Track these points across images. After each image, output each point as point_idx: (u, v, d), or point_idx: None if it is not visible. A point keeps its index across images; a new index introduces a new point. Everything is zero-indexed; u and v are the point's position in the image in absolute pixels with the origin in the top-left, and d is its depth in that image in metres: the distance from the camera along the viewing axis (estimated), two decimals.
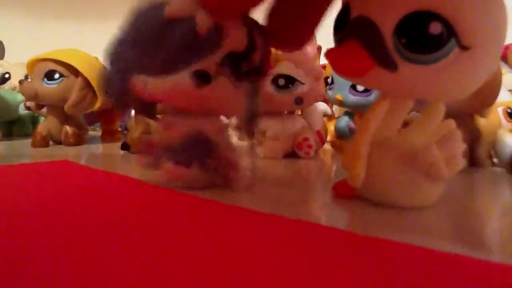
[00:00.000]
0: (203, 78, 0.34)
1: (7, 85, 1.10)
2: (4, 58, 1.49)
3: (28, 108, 0.97)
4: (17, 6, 1.87)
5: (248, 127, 0.41)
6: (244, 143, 0.91)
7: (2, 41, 1.74)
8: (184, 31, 0.32)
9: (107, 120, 0.95)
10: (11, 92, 1.00)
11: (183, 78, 0.33)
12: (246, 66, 0.36)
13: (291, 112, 0.70)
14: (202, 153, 0.37)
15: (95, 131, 1.17)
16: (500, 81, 0.51)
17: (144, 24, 0.34)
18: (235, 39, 0.34)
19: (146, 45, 0.34)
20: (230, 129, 0.44)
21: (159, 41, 0.33)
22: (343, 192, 0.35)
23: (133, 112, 0.66)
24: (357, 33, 0.28)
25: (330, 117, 0.85)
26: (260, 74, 0.40)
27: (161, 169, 0.38)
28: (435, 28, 0.26)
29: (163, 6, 0.33)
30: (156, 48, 0.33)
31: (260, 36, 0.36)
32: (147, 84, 0.34)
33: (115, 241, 0.23)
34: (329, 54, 0.29)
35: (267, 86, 0.60)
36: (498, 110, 0.60)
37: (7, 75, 1.14)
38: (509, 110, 0.61)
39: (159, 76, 0.34)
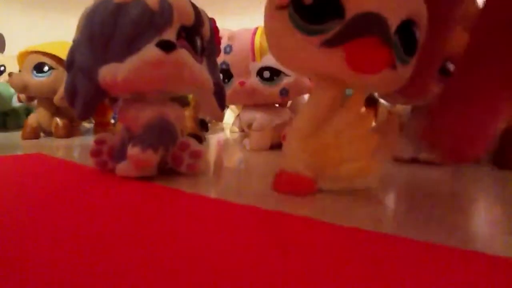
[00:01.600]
0: (168, 45, 0.35)
1: (2, 78, 1.11)
2: (5, 51, 1.50)
3: (21, 100, 0.97)
4: None
5: (218, 100, 0.44)
6: (233, 135, 0.92)
7: (3, 34, 1.75)
8: (138, 9, 0.34)
9: (99, 112, 0.95)
10: (4, 85, 1.00)
11: (149, 50, 0.35)
12: (200, 41, 0.39)
13: (283, 105, 0.70)
14: (166, 139, 0.38)
15: (91, 123, 1.18)
16: None
17: (96, 19, 0.36)
18: (184, 13, 0.37)
19: (105, 35, 0.35)
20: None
21: (116, 26, 0.35)
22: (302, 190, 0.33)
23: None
24: (375, 30, 0.27)
25: None
26: (214, 50, 0.44)
27: (117, 166, 0.39)
28: (417, 33, 0.29)
29: (105, 1, 0.35)
30: (115, 34, 0.35)
31: (203, 12, 0.40)
32: (118, 71, 0.34)
33: (82, 235, 0.23)
34: (349, 49, 0.27)
35: (253, 78, 0.60)
36: None
37: (2, 68, 1.14)
38: None
39: (126, 58, 0.35)
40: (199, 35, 0.39)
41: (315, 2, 0.27)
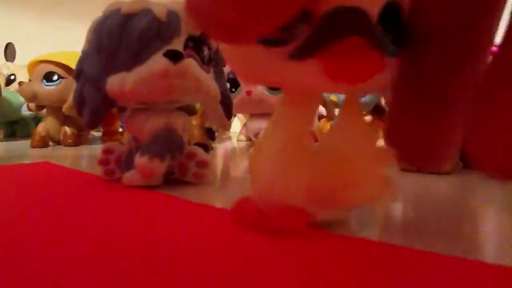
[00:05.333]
0: (175, 55, 0.35)
1: (12, 87, 1.12)
2: (15, 60, 1.51)
3: (30, 109, 0.98)
4: (27, 8, 1.90)
5: (225, 109, 0.44)
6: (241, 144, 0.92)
7: (13, 43, 1.77)
8: (146, 20, 0.35)
9: (107, 121, 0.96)
10: (14, 93, 1.02)
11: (157, 60, 0.35)
12: (207, 50, 0.39)
13: None
14: (173, 148, 0.38)
15: (100, 132, 1.18)
16: None
17: (105, 30, 0.36)
18: (191, 23, 0.36)
19: (113, 45, 0.35)
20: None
21: (124, 36, 0.35)
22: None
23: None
24: (355, 29, 0.20)
25: (328, 118, 0.85)
26: (221, 59, 0.43)
27: (124, 175, 0.39)
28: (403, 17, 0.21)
29: (116, 11, 0.35)
30: (123, 44, 0.35)
31: None
32: (125, 81, 0.35)
33: (87, 243, 0.23)
34: (327, 59, 0.20)
35: (260, 87, 0.60)
36: None
37: (12, 77, 1.16)
38: None
39: (134, 68, 0.35)
40: (206, 45, 0.40)
41: None
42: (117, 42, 0.35)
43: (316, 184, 0.25)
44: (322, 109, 0.75)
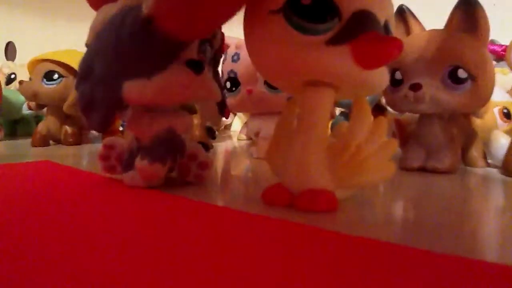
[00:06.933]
0: (198, 65, 0.35)
1: (12, 86, 1.12)
2: (15, 59, 1.51)
3: (31, 108, 0.98)
4: (28, 8, 1.90)
5: (219, 107, 0.43)
6: (241, 143, 0.92)
7: (13, 42, 1.77)
8: None
9: None
10: (15, 92, 1.02)
11: (180, 70, 0.34)
12: (210, 51, 0.39)
13: None
14: (174, 151, 0.38)
15: None
16: (494, 82, 0.50)
17: (125, 31, 0.33)
18: None
19: (133, 50, 0.33)
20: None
21: (147, 42, 0.33)
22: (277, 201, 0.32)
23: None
24: (374, 25, 0.29)
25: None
26: (219, 58, 0.44)
27: (125, 175, 0.38)
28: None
29: (136, 8, 0.32)
30: (146, 50, 0.33)
31: None
32: (146, 89, 0.34)
33: (87, 241, 0.23)
34: (356, 45, 0.27)
35: (260, 86, 0.60)
36: (494, 111, 0.60)
37: (12, 76, 1.16)
38: (505, 111, 0.60)
39: (154, 75, 0.34)
40: (211, 46, 0.39)
41: (312, 2, 0.28)
42: (140, 47, 0.33)
43: (337, 170, 0.30)
44: None
